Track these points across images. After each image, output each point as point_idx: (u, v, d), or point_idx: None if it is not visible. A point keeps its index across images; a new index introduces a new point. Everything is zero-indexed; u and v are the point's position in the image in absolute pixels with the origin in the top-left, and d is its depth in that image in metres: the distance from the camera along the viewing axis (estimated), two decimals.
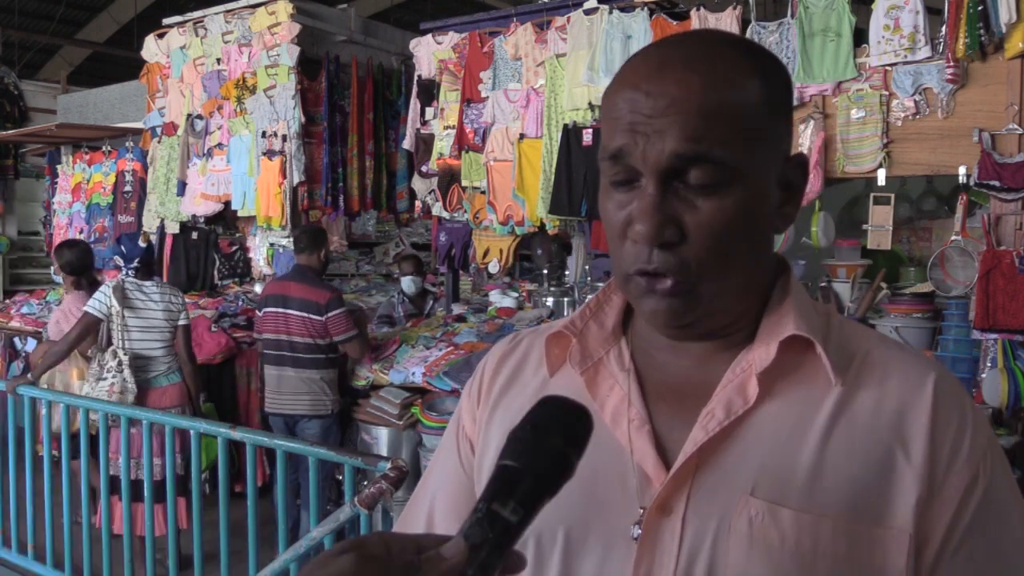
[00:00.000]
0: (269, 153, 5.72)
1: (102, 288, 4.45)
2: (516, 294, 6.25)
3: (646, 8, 4.56)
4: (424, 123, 5.50)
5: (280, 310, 4.60)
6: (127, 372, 4.26)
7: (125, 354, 4.29)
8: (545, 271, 6.08)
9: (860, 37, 4.04)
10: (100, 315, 4.33)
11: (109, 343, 4.36)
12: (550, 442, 0.62)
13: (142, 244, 4.74)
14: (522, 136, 4.93)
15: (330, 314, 4.53)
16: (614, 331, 0.88)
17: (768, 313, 0.81)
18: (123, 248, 4.56)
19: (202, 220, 6.34)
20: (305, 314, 4.53)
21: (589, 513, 0.80)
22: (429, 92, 5.47)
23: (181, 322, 4.52)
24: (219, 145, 6.05)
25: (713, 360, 0.81)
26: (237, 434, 3.23)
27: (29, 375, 4.44)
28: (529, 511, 0.59)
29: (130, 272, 4.47)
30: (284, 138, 5.69)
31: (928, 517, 0.73)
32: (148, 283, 4.49)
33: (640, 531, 0.77)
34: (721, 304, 0.78)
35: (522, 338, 0.96)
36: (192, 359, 4.60)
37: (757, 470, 0.75)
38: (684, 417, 0.79)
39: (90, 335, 4.36)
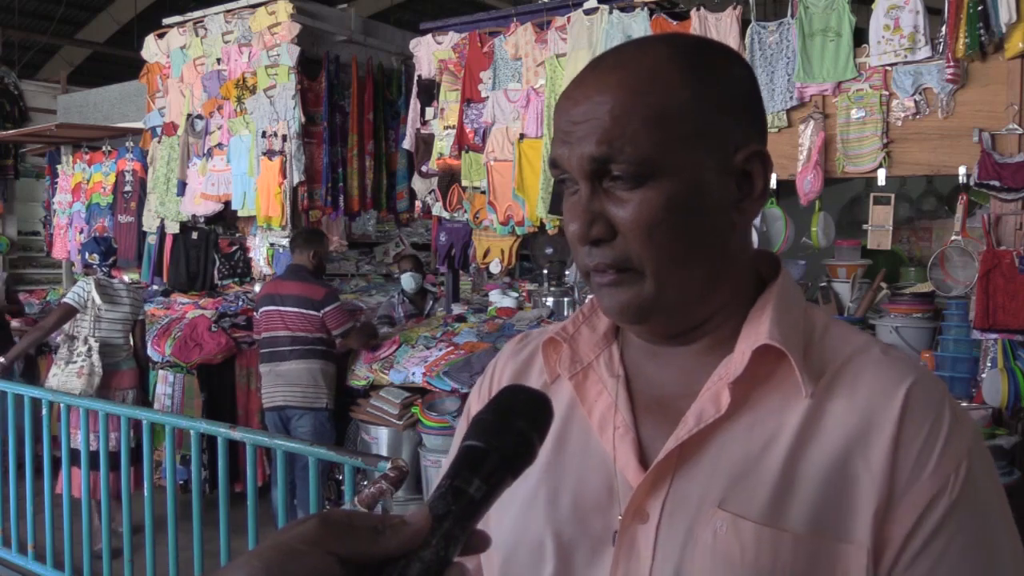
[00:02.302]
0: (269, 153, 5.72)
1: (80, 282, 4.93)
2: (516, 294, 6.25)
3: (646, 8, 4.56)
4: (424, 123, 5.50)
5: (276, 308, 4.67)
6: (95, 357, 4.73)
7: (96, 341, 4.76)
8: (545, 271, 6.08)
9: (860, 37, 4.04)
10: (77, 305, 4.76)
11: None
12: (514, 425, 0.64)
13: (115, 246, 5.36)
14: (522, 136, 4.93)
15: (326, 309, 4.66)
16: (606, 335, 0.88)
17: (750, 318, 0.80)
18: (102, 248, 5.05)
19: (202, 220, 6.34)
20: (301, 310, 4.62)
21: (577, 519, 0.80)
22: (429, 92, 5.47)
23: (140, 317, 5.10)
24: (219, 145, 6.05)
25: (697, 368, 0.81)
26: (237, 434, 3.23)
27: (1, 358, 4.83)
28: (492, 489, 0.61)
29: (104, 270, 4.99)
30: (284, 138, 5.69)
31: (884, 530, 0.72)
32: (115, 280, 5.09)
33: (617, 537, 0.77)
34: (679, 297, 0.78)
35: (531, 339, 0.96)
36: (144, 348, 5.21)
37: (728, 481, 0.75)
38: (667, 426, 0.79)
39: (65, 323, 4.83)
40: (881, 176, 3.97)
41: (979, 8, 3.57)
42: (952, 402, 0.76)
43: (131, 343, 5.01)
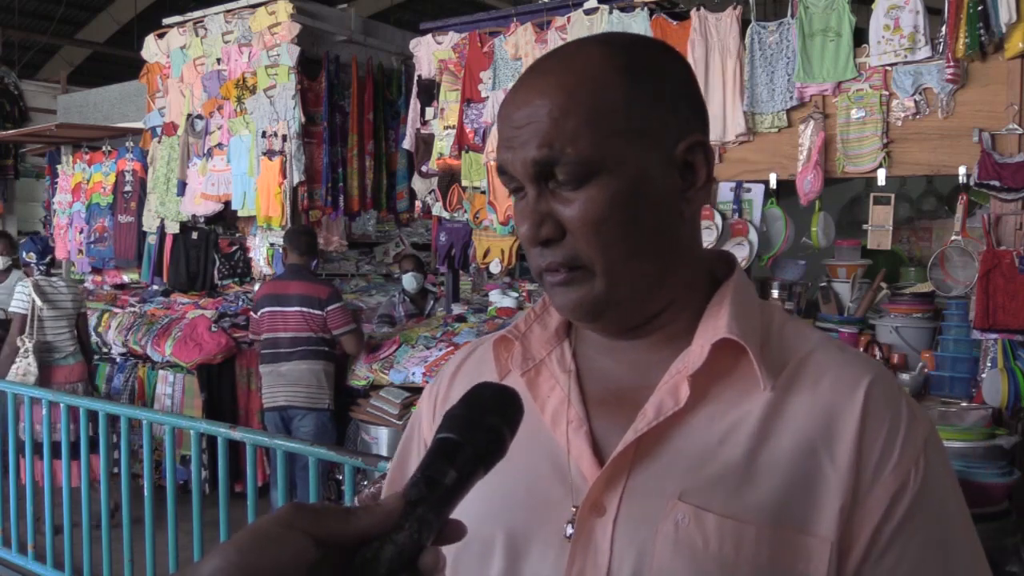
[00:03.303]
0: (269, 153, 5.72)
1: (18, 287, 5.10)
2: (516, 294, 6.25)
3: (646, 8, 4.56)
4: (424, 123, 5.50)
5: (278, 308, 4.66)
6: (31, 357, 4.94)
7: (31, 341, 4.96)
8: None
9: (860, 37, 4.04)
10: (26, 311, 5.02)
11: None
12: (486, 419, 0.65)
13: (52, 245, 5.64)
14: None
15: (330, 308, 4.65)
16: (557, 333, 0.89)
17: (707, 314, 0.81)
18: (39, 247, 5.26)
19: (202, 220, 6.33)
20: (305, 309, 4.62)
21: (529, 513, 0.81)
22: (429, 92, 5.47)
23: (82, 311, 5.35)
24: (219, 145, 6.04)
25: (653, 363, 0.82)
26: (237, 434, 3.23)
27: None
28: (465, 479, 0.62)
29: (41, 269, 5.19)
30: (284, 138, 5.69)
31: (851, 525, 0.73)
32: (54, 278, 5.28)
33: (573, 531, 0.77)
34: (630, 292, 0.79)
35: (479, 344, 0.98)
36: (89, 340, 5.46)
37: (687, 473, 0.76)
38: (623, 419, 0.79)
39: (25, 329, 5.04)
40: (881, 176, 3.97)
41: (979, 8, 3.57)
42: (908, 397, 0.79)
43: (76, 337, 5.25)
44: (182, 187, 6.23)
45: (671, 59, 0.83)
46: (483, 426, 0.65)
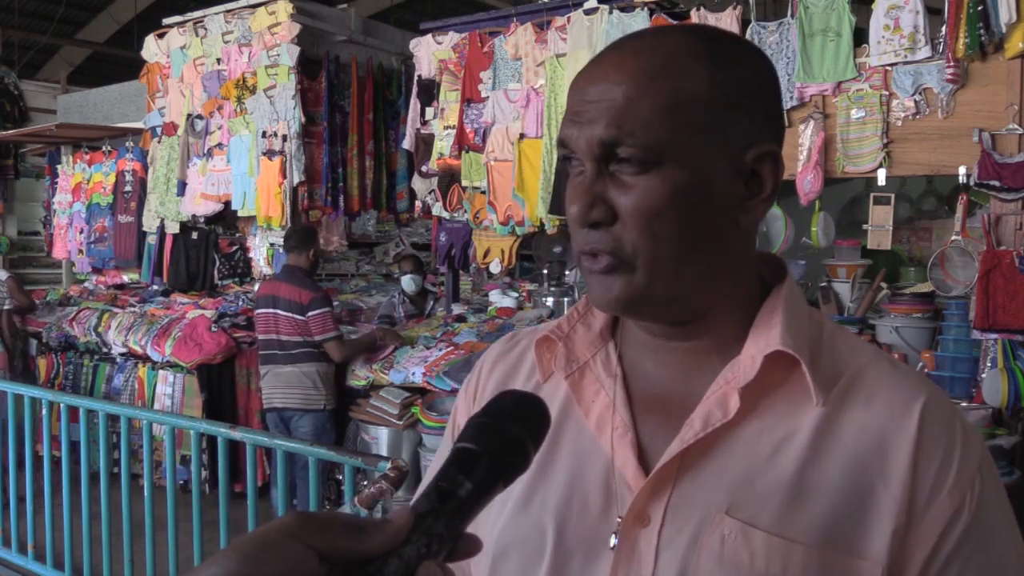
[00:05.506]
0: (269, 153, 5.72)
1: None
2: (516, 294, 6.25)
3: (646, 8, 4.56)
4: (424, 123, 5.50)
5: (270, 310, 4.68)
6: None
7: None
8: (545, 271, 6.08)
9: (860, 37, 4.04)
10: None
11: None
12: (509, 430, 0.63)
13: None
14: (522, 136, 4.93)
15: (311, 313, 4.60)
16: (602, 333, 0.86)
17: (758, 322, 0.78)
18: None
19: (202, 220, 6.34)
20: (290, 313, 4.60)
21: (573, 520, 0.79)
22: (429, 92, 5.47)
23: (5, 307, 5.86)
24: (219, 145, 6.05)
25: (699, 368, 0.80)
26: (237, 434, 3.23)
27: None
28: (481, 492, 0.59)
29: None
30: (284, 138, 5.69)
31: (904, 549, 0.71)
32: None
33: (617, 540, 0.76)
34: (669, 291, 0.76)
35: (520, 339, 0.95)
36: (13, 335, 5.97)
37: (735, 487, 0.74)
38: (669, 427, 0.77)
39: None
40: (881, 176, 3.97)
41: (979, 8, 3.57)
42: (963, 419, 0.76)
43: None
44: (182, 187, 6.23)
45: (757, 59, 0.79)
46: (504, 436, 0.62)
